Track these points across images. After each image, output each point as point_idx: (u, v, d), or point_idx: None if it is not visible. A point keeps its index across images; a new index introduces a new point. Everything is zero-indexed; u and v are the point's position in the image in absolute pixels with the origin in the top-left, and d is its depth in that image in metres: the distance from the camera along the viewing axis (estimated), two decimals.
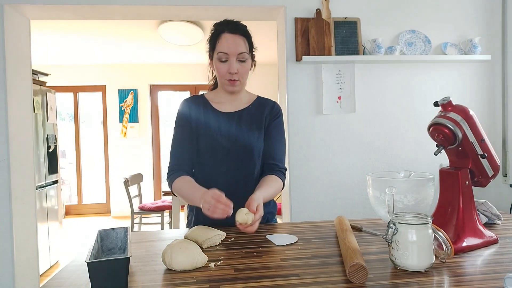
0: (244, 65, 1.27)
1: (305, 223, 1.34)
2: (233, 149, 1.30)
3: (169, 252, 0.90)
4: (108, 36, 4.15)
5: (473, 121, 1.03)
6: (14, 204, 2.31)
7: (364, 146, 2.56)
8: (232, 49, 1.24)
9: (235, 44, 1.24)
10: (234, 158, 1.31)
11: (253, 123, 1.34)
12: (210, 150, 1.30)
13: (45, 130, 3.40)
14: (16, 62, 2.40)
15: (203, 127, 1.32)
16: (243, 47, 1.26)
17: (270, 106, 1.39)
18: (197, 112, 1.34)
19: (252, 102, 1.39)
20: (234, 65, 1.25)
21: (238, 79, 1.27)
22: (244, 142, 1.31)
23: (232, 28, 1.26)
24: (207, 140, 1.31)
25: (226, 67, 1.26)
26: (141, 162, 5.63)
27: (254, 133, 1.33)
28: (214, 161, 1.31)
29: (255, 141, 1.32)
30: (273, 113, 1.37)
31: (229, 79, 1.27)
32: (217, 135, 1.31)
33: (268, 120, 1.36)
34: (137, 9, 2.42)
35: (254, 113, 1.36)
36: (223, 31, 1.26)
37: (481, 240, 1.01)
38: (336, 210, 2.52)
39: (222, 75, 1.28)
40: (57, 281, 0.86)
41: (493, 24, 2.64)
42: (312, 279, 0.82)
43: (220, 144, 1.30)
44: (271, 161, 1.34)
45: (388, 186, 0.96)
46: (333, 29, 2.45)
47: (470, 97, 2.64)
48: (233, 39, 1.24)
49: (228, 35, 1.25)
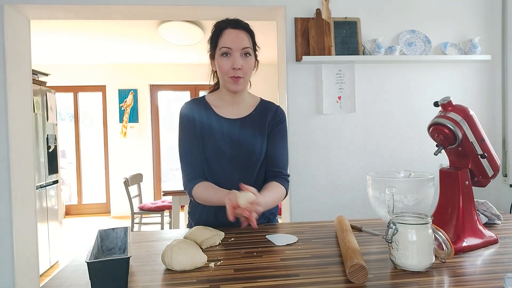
0: (248, 61, 1.23)
1: (305, 223, 1.34)
2: (236, 155, 1.28)
3: (169, 252, 0.90)
4: (108, 36, 4.15)
5: (473, 121, 1.03)
6: (14, 204, 2.31)
7: (364, 146, 2.56)
8: (235, 43, 1.20)
9: (238, 39, 1.21)
10: (238, 164, 1.29)
11: (256, 130, 1.31)
12: (215, 156, 1.28)
13: (45, 130, 3.40)
14: (16, 62, 2.40)
15: (207, 132, 1.29)
16: (247, 42, 1.23)
17: (273, 111, 1.35)
18: (200, 117, 1.31)
19: (255, 107, 1.34)
20: (238, 60, 1.20)
21: (242, 76, 1.22)
22: (247, 150, 1.28)
23: (235, 24, 1.23)
24: (211, 145, 1.28)
25: (229, 63, 1.21)
26: (141, 162, 5.63)
27: (257, 140, 1.30)
28: (218, 166, 1.29)
29: (259, 148, 1.30)
30: (276, 118, 1.33)
31: (232, 76, 1.22)
32: (220, 141, 1.28)
33: (271, 126, 1.33)
34: (137, 9, 2.42)
35: (256, 120, 1.32)
36: (226, 27, 1.23)
37: (481, 240, 1.01)
38: (336, 210, 2.52)
39: (225, 72, 1.22)
40: (57, 281, 0.86)
41: (493, 24, 2.64)
42: (312, 279, 0.82)
43: (223, 151, 1.28)
44: (274, 168, 1.32)
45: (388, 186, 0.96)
46: (333, 29, 2.45)
47: (470, 97, 2.64)
48: (236, 34, 1.22)
49: (231, 30, 1.22)
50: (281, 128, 1.34)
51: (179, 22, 3.62)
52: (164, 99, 6.00)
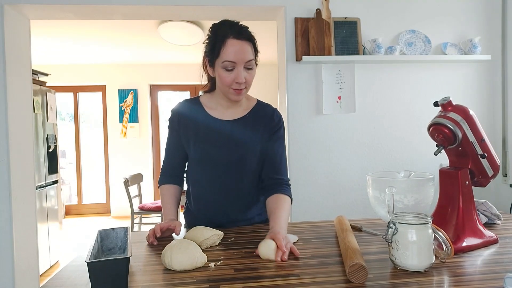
0: (251, 73, 1.18)
1: (305, 223, 1.34)
2: (226, 157, 1.25)
3: (169, 252, 0.90)
4: (108, 36, 4.15)
5: (473, 121, 1.03)
6: (14, 204, 2.31)
7: (364, 146, 2.56)
8: (240, 57, 1.13)
9: (243, 52, 1.14)
10: (228, 166, 1.26)
11: (248, 132, 1.26)
12: (205, 157, 1.26)
13: (45, 130, 3.40)
14: (16, 62, 2.40)
15: (197, 134, 1.27)
16: (251, 54, 1.16)
17: (269, 115, 1.30)
18: (191, 118, 1.28)
19: (250, 110, 1.30)
20: (241, 74, 1.15)
21: (244, 87, 1.19)
22: (237, 152, 1.25)
23: (237, 33, 1.15)
24: (201, 147, 1.26)
25: (232, 76, 1.15)
26: (141, 162, 5.63)
27: (248, 143, 1.26)
28: (208, 168, 1.27)
29: (250, 151, 1.26)
30: (272, 124, 1.29)
31: (235, 88, 1.17)
32: (210, 143, 1.26)
33: (268, 133, 1.28)
34: (137, 9, 2.42)
35: (250, 122, 1.28)
36: (228, 35, 1.14)
37: (481, 240, 1.01)
38: (336, 210, 2.52)
39: (228, 85, 1.17)
40: (57, 281, 0.86)
41: (493, 24, 2.64)
42: (312, 279, 0.82)
43: (213, 152, 1.25)
44: (276, 175, 1.28)
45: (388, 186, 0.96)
46: (333, 29, 2.45)
47: (470, 97, 2.64)
48: (241, 46, 1.14)
49: (234, 41, 1.13)
50: (279, 135, 1.31)
51: (179, 22, 3.62)
52: (164, 99, 6.00)
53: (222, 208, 1.31)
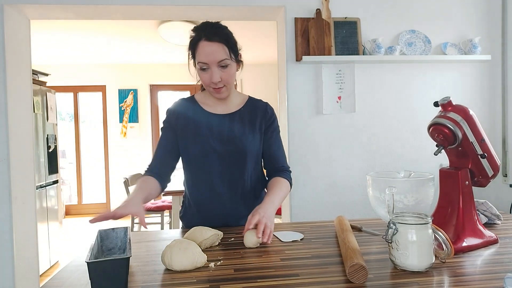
0: (227, 71, 1.22)
1: (305, 223, 1.34)
2: (225, 151, 1.28)
3: (169, 252, 0.90)
4: (108, 36, 4.15)
5: (473, 121, 1.03)
6: (14, 204, 2.31)
7: (364, 146, 2.56)
8: (210, 58, 1.18)
9: (213, 53, 1.18)
10: (227, 160, 1.28)
11: (245, 125, 1.31)
12: (203, 152, 1.28)
13: (45, 130, 3.40)
14: (16, 62, 2.40)
15: (194, 130, 1.29)
16: (223, 53, 1.19)
17: (263, 109, 1.36)
18: (188, 115, 1.31)
19: (244, 104, 1.36)
20: (215, 74, 1.20)
21: (222, 85, 1.23)
22: (236, 145, 1.28)
23: (209, 35, 1.18)
24: (200, 142, 1.28)
25: (208, 76, 1.21)
26: (141, 162, 5.62)
27: (247, 135, 1.30)
28: (207, 163, 1.28)
29: (248, 144, 1.30)
30: (267, 116, 1.35)
31: (213, 87, 1.24)
32: (209, 137, 1.28)
33: (264, 125, 1.34)
34: (137, 9, 2.42)
35: (246, 115, 1.33)
36: (200, 38, 1.19)
37: (481, 240, 1.01)
38: (336, 210, 2.52)
39: (206, 84, 1.24)
40: (57, 281, 0.86)
41: (493, 24, 2.64)
42: (312, 279, 0.82)
43: (212, 148, 1.27)
44: (276, 165, 1.36)
45: (388, 186, 0.96)
46: (333, 29, 2.45)
47: (470, 97, 2.64)
48: (211, 48, 1.18)
49: (205, 43, 1.18)
50: (275, 126, 1.37)
51: (179, 22, 3.62)
52: (164, 99, 6.00)
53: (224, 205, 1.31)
